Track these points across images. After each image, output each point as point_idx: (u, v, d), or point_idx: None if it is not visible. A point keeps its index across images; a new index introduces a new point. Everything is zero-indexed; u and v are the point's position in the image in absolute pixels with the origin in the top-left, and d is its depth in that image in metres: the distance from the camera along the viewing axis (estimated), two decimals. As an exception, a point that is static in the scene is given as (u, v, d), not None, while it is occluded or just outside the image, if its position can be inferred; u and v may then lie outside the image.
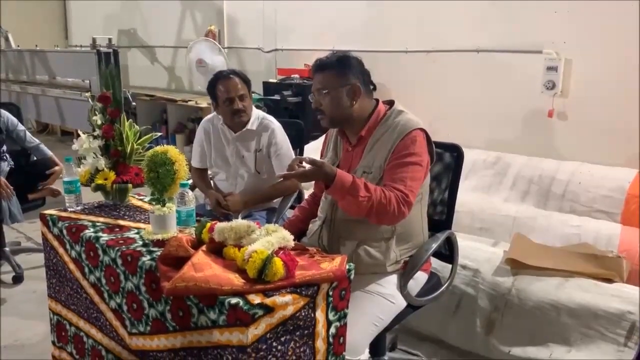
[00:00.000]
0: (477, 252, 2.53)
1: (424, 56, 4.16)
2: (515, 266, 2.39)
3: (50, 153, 3.37)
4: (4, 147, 3.35)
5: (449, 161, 2.08)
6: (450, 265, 2.11)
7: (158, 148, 1.88)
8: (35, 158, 3.42)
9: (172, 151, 1.86)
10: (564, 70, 3.42)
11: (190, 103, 5.59)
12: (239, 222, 1.65)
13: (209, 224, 1.69)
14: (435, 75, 4.12)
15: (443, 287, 2.05)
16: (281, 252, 1.49)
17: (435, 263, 2.13)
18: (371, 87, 1.89)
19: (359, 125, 1.86)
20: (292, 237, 1.58)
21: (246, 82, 2.56)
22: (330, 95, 1.83)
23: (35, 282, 3.14)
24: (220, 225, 1.65)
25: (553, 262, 2.39)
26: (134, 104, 5.54)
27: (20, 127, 3.38)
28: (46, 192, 3.23)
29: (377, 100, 1.91)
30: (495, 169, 3.40)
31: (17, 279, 3.23)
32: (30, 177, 3.24)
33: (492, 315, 2.34)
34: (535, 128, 3.61)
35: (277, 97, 4.53)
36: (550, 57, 3.44)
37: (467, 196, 3.05)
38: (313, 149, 3.15)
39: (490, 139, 3.74)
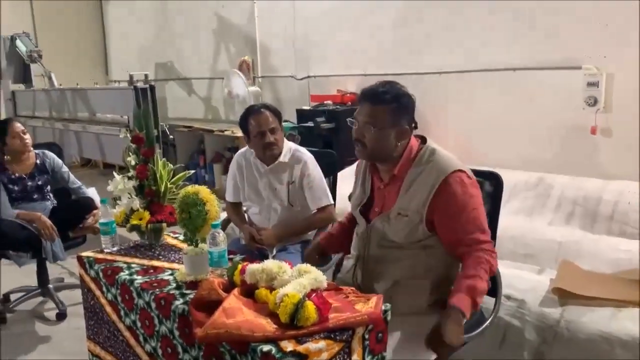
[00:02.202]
0: (522, 281, 2.42)
1: (457, 76, 4.08)
2: (563, 296, 2.27)
3: (90, 194, 3.44)
4: (48, 187, 3.45)
5: (488, 190, 2.01)
6: (493, 299, 2.01)
7: (189, 188, 1.88)
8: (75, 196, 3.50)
9: (204, 192, 1.86)
10: (605, 85, 3.29)
11: (226, 133, 5.65)
12: (270, 263, 1.62)
13: (240, 266, 1.67)
14: (471, 96, 4.03)
15: (487, 322, 1.95)
16: (314, 294, 1.45)
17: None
18: (413, 124, 1.81)
19: (392, 163, 1.80)
20: (324, 277, 1.54)
21: (277, 115, 2.57)
22: (378, 132, 1.74)
23: (78, 319, 3.15)
24: (251, 267, 1.62)
25: (603, 290, 2.26)
26: (171, 136, 5.66)
27: (65, 168, 3.50)
28: (87, 230, 3.29)
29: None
30: (537, 190, 3.27)
31: (61, 316, 3.27)
32: (72, 215, 3.30)
33: (540, 348, 2.22)
34: (578, 146, 3.48)
35: (310, 124, 4.53)
36: (591, 73, 3.32)
37: (509, 220, 2.92)
38: (347, 176, 3.10)
39: (531, 159, 3.61)
